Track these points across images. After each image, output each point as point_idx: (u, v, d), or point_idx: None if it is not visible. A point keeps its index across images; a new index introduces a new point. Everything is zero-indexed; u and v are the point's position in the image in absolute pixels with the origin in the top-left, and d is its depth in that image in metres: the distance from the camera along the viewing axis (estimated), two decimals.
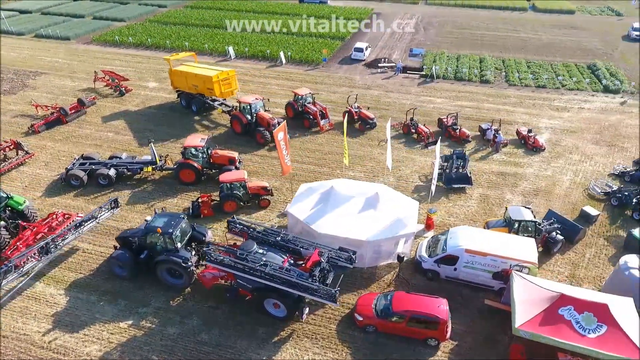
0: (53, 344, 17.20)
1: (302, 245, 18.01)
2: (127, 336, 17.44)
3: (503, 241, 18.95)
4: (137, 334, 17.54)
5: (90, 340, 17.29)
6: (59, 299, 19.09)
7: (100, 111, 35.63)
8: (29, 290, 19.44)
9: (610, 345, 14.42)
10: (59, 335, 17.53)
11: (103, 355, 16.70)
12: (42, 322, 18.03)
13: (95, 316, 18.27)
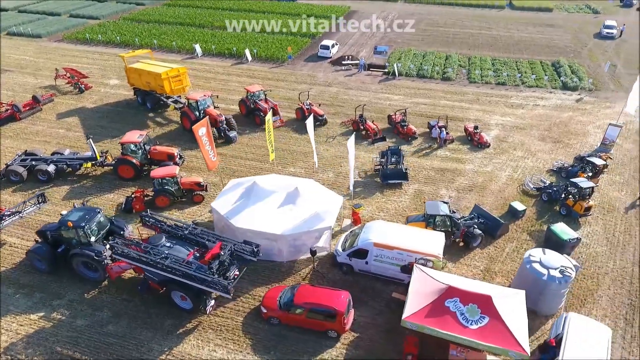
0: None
1: (208, 238, 18.30)
2: (36, 328, 17.77)
3: (412, 235, 19.19)
4: (46, 325, 17.87)
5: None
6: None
7: (57, 108, 35.98)
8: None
9: (489, 336, 14.64)
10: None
11: (8, 346, 17.03)
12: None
13: (9, 308, 18.59)
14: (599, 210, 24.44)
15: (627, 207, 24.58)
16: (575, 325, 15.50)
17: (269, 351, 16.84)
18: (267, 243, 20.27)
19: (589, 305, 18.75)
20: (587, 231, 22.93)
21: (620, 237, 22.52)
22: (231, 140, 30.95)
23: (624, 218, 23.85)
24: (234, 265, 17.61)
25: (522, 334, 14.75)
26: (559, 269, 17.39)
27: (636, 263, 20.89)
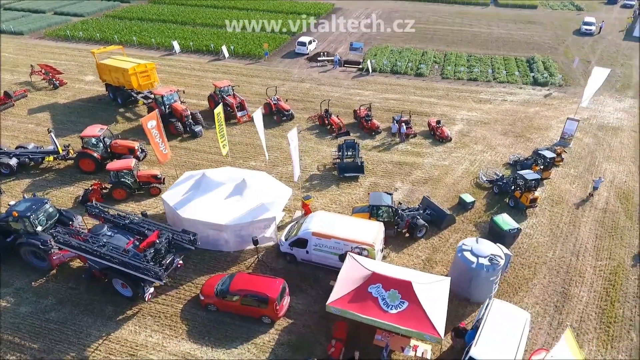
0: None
1: (148, 227, 18.78)
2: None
3: (350, 225, 19.61)
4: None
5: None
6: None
7: (29, 104, 36.48)
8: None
9: (407, 320, 15.09)
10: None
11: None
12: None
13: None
14: (548, 202, 24.83)
15: (576, 200, 25.01)
16: (496, 310, 15.92)
17: (204, 337, 17.32)
18: (214, 233, 20.83)
19: (522, 293, 19.17)
20: (533, 222, 23.32)
21: (564, 228, 22.91)
22: (196, 135, 31.40)
23: (571, 210, 24.24)
24: (171, 253, 18.09)
25: (439, 319, 15.21)
26: (488, 257, 17.83)
27: (575, 253, 21.29)
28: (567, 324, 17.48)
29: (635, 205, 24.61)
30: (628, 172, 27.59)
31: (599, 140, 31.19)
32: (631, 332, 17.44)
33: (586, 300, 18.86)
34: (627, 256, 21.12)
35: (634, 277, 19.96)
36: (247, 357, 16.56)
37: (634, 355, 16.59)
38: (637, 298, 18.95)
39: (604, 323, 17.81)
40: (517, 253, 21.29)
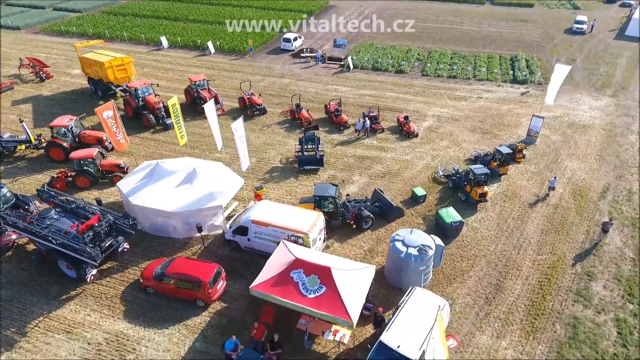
0: None
1: (92, 212, 19.56)
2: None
3: (289, 214, 20.09)
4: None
5: None
6: None
7: (15, 95, 37.75)
8: None
9: (323, 305, 15.53)
10: None
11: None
12: None
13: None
14: (501, 197, 24.97)
15: (530, 196, 25.04)
16: (415, 298, 16.27)
17: (139, 317, 18.01)
18: (162, 220, 21.54)
19: (456, 284, 19.43)
20: (481, 216, 23.51)
21: (512, 223, 23.04)
22: (168, 127, 32.18)
23: (523, 206, 24.32)
24: (111, 237, 18.84)
25: (354, 304, 15.64)
26: (418, 247, 18.15)
27: (517, 247, 21.44)
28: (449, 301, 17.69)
29: (588, 201, 24.64)
30: (589, 169, 27.51)
31: (566, 138, 31.09)
32: (556, 325, 17.61)
33: (518, 292, 19.03)
34: (569, 251, 21.21)
35: (571, 272, 20.09)
36: (176, 337, 17.21)
37: (554, 347, 16.78)
38: (569, 291, 19.10)
39: (531, 315, 17.99)
40: (460, 246, 21.56)
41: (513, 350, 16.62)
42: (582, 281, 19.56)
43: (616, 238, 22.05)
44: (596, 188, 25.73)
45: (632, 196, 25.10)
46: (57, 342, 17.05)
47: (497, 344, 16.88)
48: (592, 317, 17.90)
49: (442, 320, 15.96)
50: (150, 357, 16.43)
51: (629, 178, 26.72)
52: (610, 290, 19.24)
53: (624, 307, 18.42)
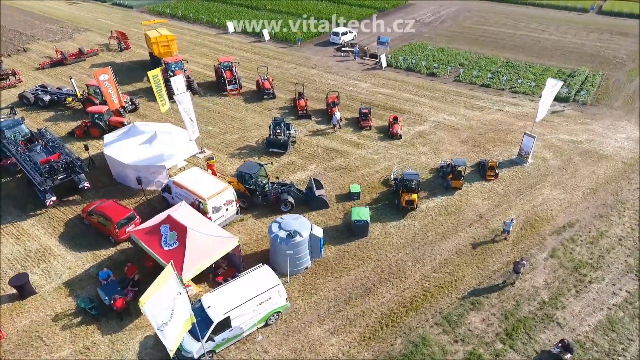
0: None
1: (62, 151, 24.29)
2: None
3: (204, 182, 22.15)
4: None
5: None
6: None
7: (96, 60, 46.19)
8: None
9: (170, 257, 17.38)
10: None
11: None
12: None
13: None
14: (441, 210, 23.53)
15: (473, 215, 23.09)
16: (256, 272, 17.31)
17: (67, 240, 22.03)
18: (122, 170, 25.56)
19: (331, 278, 19.46)
20: (405, 224, 22.66)
21: (431, 237, 21.74)
22: None
23: (458, 223, 22.68)
24: (63, 171, 23.37)
25: (195, 264, 17.37)
26: (289, 232, 18.82)
27: (417, 260, 20.37)
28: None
29: (534, 234, 21.83)
30: (566, 201, 24.07)
31: (566, 165, 27.26)
32: (398, 339, 16.79)
33: (384, 301, 18.41)
34: (470, 277, 19.46)
35: (456, 297, 18.53)
36: (82, 260, 20.84)
37: (380, 358, 16.15)
38: (437, 313, 17.80)
39: (380, 323, 17.40)
40: (361, 245, 21.31)
41: (337, 349, 16.54)
42: (461, 308, 18.02)
43: (539, 278, 19.47)
44: (557, 222, 22.56)
45: (599, 239, 21.48)
46: (6, 242, 22.13)
47: (327, 338, 16.93)
48: (443, 344, 16.63)
49: (270, 299, 16.73)
50: (54, 269, 20.40)
51: (612, 220, 22.73)
52: (487, 324, 17.44)
53: (490, 344, 16.64)
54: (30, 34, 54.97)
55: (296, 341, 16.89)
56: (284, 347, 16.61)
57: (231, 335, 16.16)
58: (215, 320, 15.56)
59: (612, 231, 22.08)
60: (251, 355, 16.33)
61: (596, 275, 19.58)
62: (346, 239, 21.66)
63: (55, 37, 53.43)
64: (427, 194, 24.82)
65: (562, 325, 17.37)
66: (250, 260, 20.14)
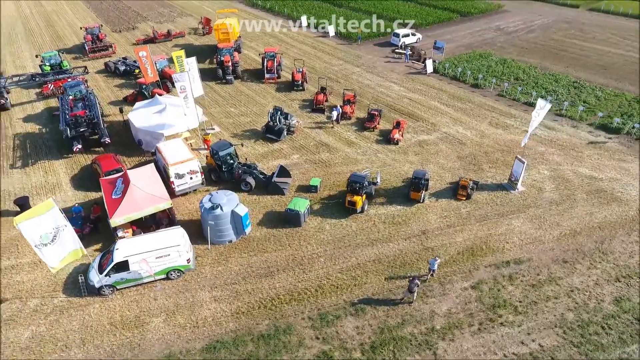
0: None
1: (92, 111, 29.55)
2: None
3: (178, 152, 24.88)
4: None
5: None
6: None
7: (181, 41, 52.79)
8: None
9: (111, 204, 20.76)
10: None
11: None
12: None
13: None
14: (387, 218, 23.00)
15: (412, 231, 22.02)
16: (169, 231, 19.96)
17: (78, 181, 26.94)
18: (135, 131, 30.10)
19: (244, 254, 20.86)
20: (343, 223, 22.76)
21: (359, 239, 21.52)
22: (228, 82, 40.39)
23: (393, 233, 22.04)
24: (89, 127, 28.62)
25: (124, 213, 20.45)
26: (212, 205, 20.67)
27: (331, 258, 20.51)
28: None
29: (466, 261, 20.09)
30: (531, 239, 21.39)
31: (563, 201, 23.90)
32: (262, 323, 17.51)
33: (278, 286, 19.21)
34: (373, 286, 18.96)
35: (348, 299, 18.37)
36: (76, 196, 25.46)
37: (230, 334, 17.15)
38: (315, 309, 18.07)
39: (258, 303, 18.33)
40: (289, 233, 22.19)
41: (209, 313, 18.02)
42: (342, 311, 17.92)
43: (444, 305, 18.09)
44: (504, 256, 20.32)
45: (544, 285, 18.84)
46: (36, 173, 28.04)
47: (208, 303, 18.52)
48: (303, 337, 16.92)
49: (169, 256, 18.94)
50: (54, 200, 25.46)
51: (576, 268, 19.62)
52: (358, 332, 17.11)
53: (349, 350, 16.36)
54: (145, 15, 65.24)
55: (183, 298, 18.89)
56: (170, 300, 18.74)
57: (129, 277, 18.84)
58: (115, 260, 18.41)
59: (567, 280, 19.21)
60: (143, 298, 18.86)
61: (513, 320, 17.56)
62: (280, 225, 22.74)
63: (160, 19, 62.62)
64: (384, 201, 24.36)
65: (437, 356, 16.27)
66: (195, 226, 22.63)
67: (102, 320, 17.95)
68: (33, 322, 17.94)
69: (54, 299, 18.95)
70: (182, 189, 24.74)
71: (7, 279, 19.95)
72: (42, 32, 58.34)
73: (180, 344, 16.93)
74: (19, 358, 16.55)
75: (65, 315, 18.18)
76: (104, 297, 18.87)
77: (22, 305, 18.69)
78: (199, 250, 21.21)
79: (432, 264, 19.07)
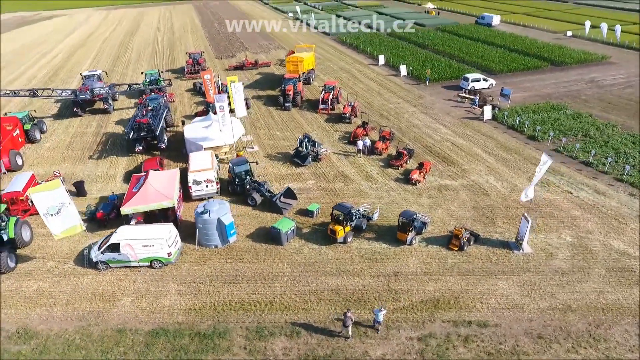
0: None
1: (154, 120, 34.66)
2: None
3: (202, 161, 28.35)
4: None
5: None
6: None
7: (264, 70, 58.58)
8: None
9: (131, 196, 24.30)
10: None
11: None
12: None
13: None
14: (366, 251, 22.84)
15: (391, 274, 21.27)
16: (162, 227, 22.59)
17: (129, 175, 32.06)
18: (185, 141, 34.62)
19: (217, 260, 22.50)
20: (323, 250, 23.14)
21: (329, 267, 21.61)
22: (286, 109, 43.59)
23: (364, 266, 21.76)
24: (149, 135, 33.73)
25: (134, 205, 23.73)
26: (204, 210, 22.91)
27: (271, 277, 20.98)
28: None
29: (434, 317, 18.70)
30: (511, 305, 19.19)
31: (573, 272, 20.89)
32: (209, 321, 18.59)
33: (234, 293, 20.41)
34: (318, 311, 18.84)
35: (287, 318, 18.60)
36: (123, 188, 30.19)
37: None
38: (257, 318, 18.58)
39: (211, 303, 19.58)
40: (271, 251, 23.31)
41: (168, 304, 19.94)
42: (278, 330, 18.36)
43: (379, 349, 17.22)
44: (469, 316, 18.49)
45: (504, 355, 16.66)
46: (102, 165, 33.79)
47: (171, 295, 20.56)
48: (233, 343, 17.73)
49: (153, 247, 21.52)
50: (105, 187, 30.37)
51: (551, 347, 16.91)
52: (284, 354, 17.31)
53: None
54: (247, 46, 73.70)
55: (154, 285, 21.23)
56: (144, 285, 21.25)
57: (120, 258, 21.86)
58: (110, 242, 21.70)
59: (533, 358, 16.81)
60: (125, 279, 21.71)
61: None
62: (265, 241, 24.05)
63: (257, 50, 70.14)
64: (373, 237, 24.10)
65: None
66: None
67: (88, 289, 21.20)
68: (42, 279, 21.99)
69: (64, 265, 22.94)
70: (198, 194, 27.76)
71: (40, 242, 24.73)
72: (163, 54, 69.95)
73: (133, 323, 19.16)
74: (19, 308, 20.42)
75: (65, 279, 21.89)
76: (99, 271, 22.23)
77: (41, 264, 23.04)
78: (187, 249, 23.63)
79: (376, 314, 17.98)
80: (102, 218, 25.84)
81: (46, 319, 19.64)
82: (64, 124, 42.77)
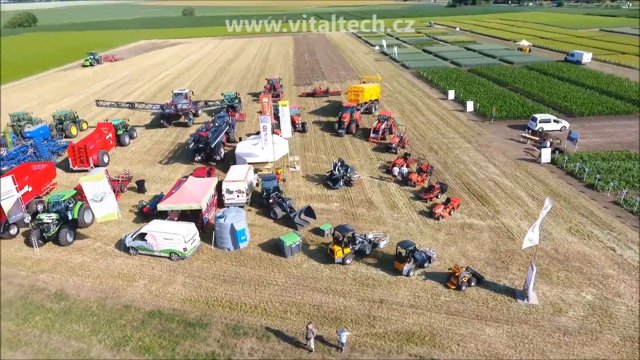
0: None
1: (213, 135, 38.79)
2: None
3: (238, 174, 31.14)
4: None
5: None
6: None
7: (335, 98, 61.26)
8: None
9: (168, 196, 27.81)
10: None
11: None
12: None
13: None
14: (360, 276, 23.11)
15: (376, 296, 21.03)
16: (185, 225, 25.49)
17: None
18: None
19: (227, 261, 24.39)
20: (320, 267, 23.97)
21: (319, 285, 22.28)
22: (339, 135, 45.38)
23: (353, 289, 21.94)
24: (205, 146, 37.83)
25: (167, 204, 27.12)
26: (221, 215, 25.35)
27: (283, 290, 21.80)
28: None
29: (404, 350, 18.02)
30: (487, 352, 17.53)
31: (581, 331, 18.60)
32: (193, 314, 20.43)
33: (226, 292, 22.16)
34: (292, 321, 19.47)
35: (264, 323, 19.59)
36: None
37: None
38: (237, 318, 19.83)
39: (201, 297, 21.44)
40: (275, 261, 24.81)
41: (172, 292, 22.39)
42: (252, 332, 19.56)
43: None
44: (440, 355, 17.45)
45: None
46: (160, 170, 38.77)
47: (176, 285, 23.05)
48: (204, 337, 19.19)
49: (172, 240, 24.43)
50: (160, 189, 34.83)
51: None
52: (250, 353, 18.34)
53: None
54: (326, 75, 77.85)
55: (166, 274, 24.02)
56: (160, 273, 24.19)
57: (145, 246, 25.21)
58: (140, 231, 25.23)
59: None
60: (148, 265, 24.93)
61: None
62: (271, 251, 25.66)
63: (334, 79, 73.69)
64: (374, 263, 24.24)
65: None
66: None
67: (116, 269, 24.86)
68: (87, 255, 26.32)
69: (107, 246, 27.14)
70: (229, 202, 30.58)
71: (98, 226, 29.35)
72: (250, 79, 77.32)
73: (139, 302, 22.03)
74: (63, 274, 24.70)
75: (103, 258, 25.93)
76: (129, 255, 25.89)
77: (91, 243, 27.55)
78: (205, 248, 26.27)
79: (339, 335, 18.23)
80: (147, 212, 29.99)
81: (78, 287, 23.56)
82: (151, 132, 50.01)
